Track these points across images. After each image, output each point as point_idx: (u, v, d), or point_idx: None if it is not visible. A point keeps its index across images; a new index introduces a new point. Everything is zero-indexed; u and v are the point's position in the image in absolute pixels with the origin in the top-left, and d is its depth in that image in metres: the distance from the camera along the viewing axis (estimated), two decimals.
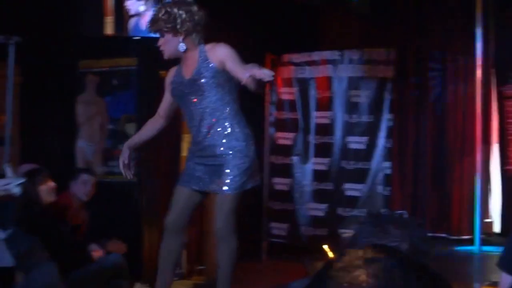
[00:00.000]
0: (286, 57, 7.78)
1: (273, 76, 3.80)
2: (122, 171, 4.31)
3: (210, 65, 4.18)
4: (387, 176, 7.31)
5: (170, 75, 4.42)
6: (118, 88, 6.11)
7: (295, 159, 7.71)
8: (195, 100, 4.23)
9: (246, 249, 7.47)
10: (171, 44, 4.24)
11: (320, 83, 7.61)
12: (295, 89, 7.72)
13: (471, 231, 6.86)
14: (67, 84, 6.40)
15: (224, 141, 4.20)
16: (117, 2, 6.39)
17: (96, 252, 5.13)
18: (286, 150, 7.77)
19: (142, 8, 6.38)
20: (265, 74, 3.75)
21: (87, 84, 6.42)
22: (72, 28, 6.34)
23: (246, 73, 3.83)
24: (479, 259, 6.52)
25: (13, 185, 3.89)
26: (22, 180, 3.92)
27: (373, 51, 7.43)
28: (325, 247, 6.03)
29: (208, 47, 4.24)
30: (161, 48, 4.29)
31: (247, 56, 7.60)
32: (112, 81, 6.28)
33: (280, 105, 7.83)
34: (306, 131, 7.66)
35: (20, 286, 4.39)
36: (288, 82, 7.76)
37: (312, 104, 7.64)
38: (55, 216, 5.01)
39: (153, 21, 4.25)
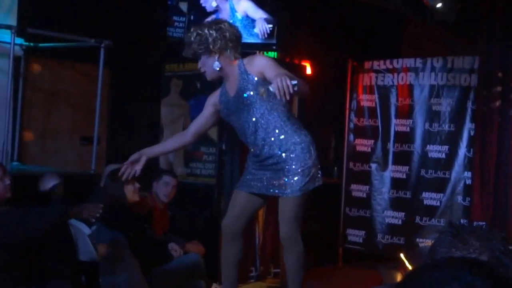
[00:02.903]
0: (368, 64, 7.75)
1: (294, 87, 3.62)
2: (126, 169, 4.26)
3: (251, 78, 4.16)
4: (467, 186, 7.18)
5: (215, 96, 4.43)
6: (201, 91, 6.24)
7: (373, 166, 7.67)
8: (245, 114, 4.22)
9: (322, 255, 7.53)
10: (209, 65, 4.23)
11: (401, 90, 7.55)
12: (375, 96, 7.69)
13: None
14: (153, 87, 6.59)
15: (281, 148, 4.19)
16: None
17: (176, 252, 5.25)
18: (365, 157, 7.74)
19: (214, 3, 6.46)
20: (283, 86, 3.62)
21: (172, 87, 6.60)
22: (159, 32, 6.51)
23: (273, 83, 3.73)
24: None
25: None
26: None
27: (457, 59, 7.31)
28: (402, 255, 5.98)
29: (246, 60, 4.23)
30: (202, 70, 4.30)
31: (330, 62, 7.67)
32: (196, 85, 6.42)
33: (360, 112, 7.81)
34: (386, 139, 7.60)
35: (103, 281, 4.53)
36: (369, 89, 7.74)
37: (393, 111, 7.59)
38: (138, 215, 5.15)
39: (187, 46, 4.25)
